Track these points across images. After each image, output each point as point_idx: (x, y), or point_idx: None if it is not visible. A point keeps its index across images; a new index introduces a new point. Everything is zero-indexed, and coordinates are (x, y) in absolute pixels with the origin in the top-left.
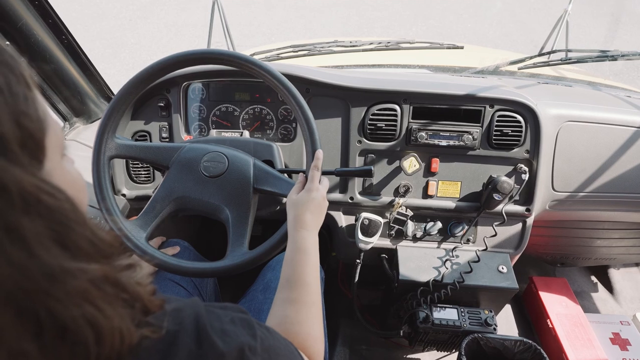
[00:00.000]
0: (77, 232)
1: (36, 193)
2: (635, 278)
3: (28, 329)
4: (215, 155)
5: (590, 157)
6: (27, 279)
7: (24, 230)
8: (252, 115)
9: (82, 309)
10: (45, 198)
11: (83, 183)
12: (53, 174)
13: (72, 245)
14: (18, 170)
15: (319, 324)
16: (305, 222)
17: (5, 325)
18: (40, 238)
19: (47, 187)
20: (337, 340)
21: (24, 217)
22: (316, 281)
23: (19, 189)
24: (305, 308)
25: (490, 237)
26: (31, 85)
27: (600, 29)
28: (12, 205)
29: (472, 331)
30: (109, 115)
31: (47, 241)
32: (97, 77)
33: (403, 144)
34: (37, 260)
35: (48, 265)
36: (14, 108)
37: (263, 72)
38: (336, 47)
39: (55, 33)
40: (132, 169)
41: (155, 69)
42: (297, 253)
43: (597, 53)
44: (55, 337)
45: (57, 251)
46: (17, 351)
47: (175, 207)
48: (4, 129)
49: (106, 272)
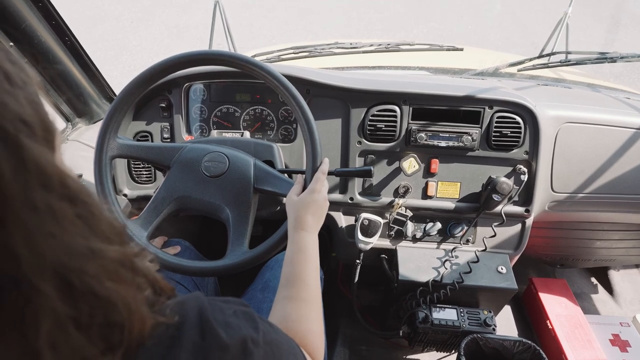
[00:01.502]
0: (98, 215)
1: (62, 175)
2: (635, 279)
3: (67, 303)
4: (216, 155)
5: (589, 159)
6: (64, 254)
7: (55, 208)
8: (253, 116)
9: (104, 286)
10: (70, 181)
11: None
12: None
13: (96, 227)
14: (47, 151)
15: (319, 321)
16: (307, 223)
17: (50, 294)
18: (69, 219)
19: (68, 171)
20: (337, 340)
21: (57, 198)
22: (316, 281)
23: (51, 169)
24: (305, 306)
25: (489, 237)
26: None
27: (600, 31)
28: (45, 186)
29: (472, 331)
30: (111, 115)
31: (76, 221)
32: (100, 78)
33: (403, 145)
34: (68, 236)
35: (77, 242)
36: (30, 98)
37: (264, 73)
38: (336, 48)
39: (58, 34)
40: (134, 169)
41: (157, 70)
42: (297, 253)
43: (597, 55)
44: (90, 314)
45: (84, 232)
46: (59, 324)
47: (176, 207)
48: (28, 115)
49: (125, 254)
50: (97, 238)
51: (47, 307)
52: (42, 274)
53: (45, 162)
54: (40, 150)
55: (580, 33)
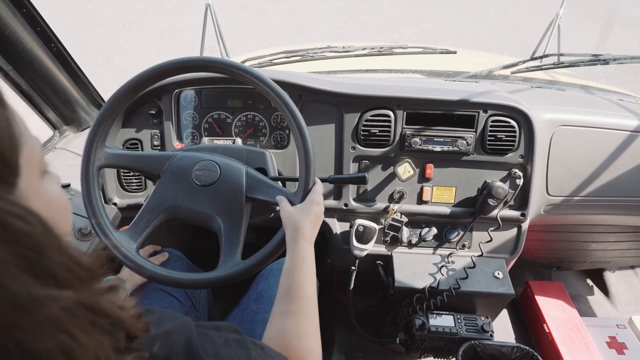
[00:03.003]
0: (50, 257)
1: (2, 217)
2: (630, 281)
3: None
4: (207, 163)
5: (584, 161)
6: None
7: None
8: (245, 122)
9: (55, 340)
10: (13, 221)
11: (64, 202)
12: (29, 194)
13: (43, 272)
14: None
15: (317, 337)
16: (306, 233)
17: None
18: (5, 265)
19: (16, 210)
20: (333, 347)
21: None
22: (314, 294)
23: None
24: (304, 321)
25: (485, 242)
26: (5, 102)
27: (592, 32)
28: None
29: (469, 338)
30: (98, 124)
31: (13, 269)
32: (88, 85)
33: (397, 150)
34: (2, 291)
35: (15, 294)
36: None
37: (254, 79)
38: (329, 52)
39: (43, 41)
40: (124, 178)
41: (146, 77)
42: (298, 265)
43: (590, 57)
44: None
45: (26, 278)
46: None
47: (167, 217)
48: None
49: (82, 298)
50: (45, 284)
51: None
52: None
53: None
54: None
55: (572, 34)
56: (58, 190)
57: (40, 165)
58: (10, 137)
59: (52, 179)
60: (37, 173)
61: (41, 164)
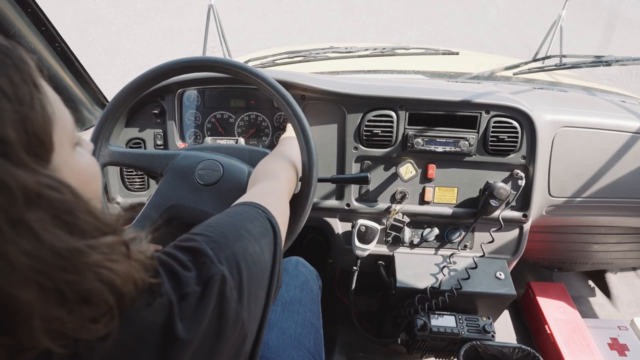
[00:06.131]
0: (80, 217)
1: (38, 189)
2: (632, 282)
3: (53, 301)
4: (210, 163)
5: (586, 163)
6: (41, 262)
7: (29, 222)
8: (248, 122)
9: (97, 276)
10: (48, 192)
11: (94, 170)
12: (62, 167)
13: (76, 229)
14: (21, 171)
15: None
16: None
17: (32, 300)
18: (45, 226)
19: (50, 182)
20: (335, 347)
21: (28, 211)
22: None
23: (20, 187)
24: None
25: (487, 243)
26: (39, 84)
27: (593, 34)
28: (15, 202)
29: (471, 338)
30: (102, 123)
31: (52, 228)
32: (91, 84)
33: (399, 151)
34: (46, 245)
35: (57, 247)
36: (18, 113)
37: (258, 80)
38: (332, 53)
39: (48, 40)
40: (127, 177)
41: (150, 77)
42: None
43: (592, 58)
44: (80, 302)
45: (64, 235)
46: (48, 317)
47: (169, 216)
48: (7, 134)
49: (113, 241)
50: (81, 237)
51: (34, 311)
52: (18, 284)
53: (12, 180)
54: (7, 169)
55: (574, 36)
56: (88, 160)
57: (71, 138)
58: (44, 118)
59: (84, 147)
60: (68, 146)
61: (72, 137)
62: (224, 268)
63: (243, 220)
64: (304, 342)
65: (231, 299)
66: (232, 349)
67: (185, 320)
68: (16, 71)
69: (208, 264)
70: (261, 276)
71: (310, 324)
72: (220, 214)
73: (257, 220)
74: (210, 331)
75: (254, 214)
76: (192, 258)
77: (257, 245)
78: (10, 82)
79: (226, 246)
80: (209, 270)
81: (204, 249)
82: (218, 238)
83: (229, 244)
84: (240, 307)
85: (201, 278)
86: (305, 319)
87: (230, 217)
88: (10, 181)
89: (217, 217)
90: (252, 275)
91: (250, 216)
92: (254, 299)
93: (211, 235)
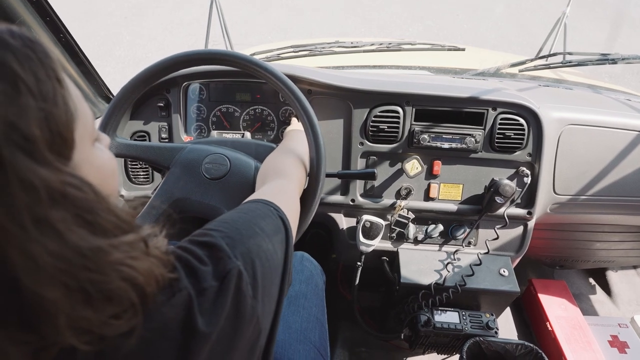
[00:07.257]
0: (101, 216)
1: (62, 188)
2: (633, 280)
3: (79, 299)
4: (217, 157)
5: (592, 161)
6: (65, 261)
7: (53, 221)
8: (253, 116)
9: (120, 274)
10: (71, 191)
11: (112, 166)
12: (82, 164)
13: (98, 227)
14: (45, 170)
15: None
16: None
17: (57, 299)
18: (68, 225)
19: (73, 181)
20: (337, 342)
21: (52, 210)
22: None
23: (45, 186)
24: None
25: (491, 240)
26: (62, 79)
27: (598, 32)
28: (40, 201)
29: (474, 335)
30: (109, 114)
31: (75, 228)
32: (96, 77)
33: (405, 146)
34: (69, 245)
35: (80, 246)
36: (42, 110)
37: (267, 73)
38: (337, 47)
39: (52, 31)
40: (131, 170)
41: (158, 69)
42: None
43: (598, 56)
44: (104, 300)
45: (86, 234)
46: (74, 316)
47: (175, 209)
48: (31, 132)
49: (133, 239)
50: (104, 236)
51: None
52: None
53: (36, 179)
54: (32, 168)
55: (577, 33)
56: (106, 156)
57: (91, 134)
58: (67, 115)
59: (102, 142)
60: (89, 142)
61: (92, 133)
62: (240, 263)
63: (256, 217)
64: (310, 337)
65: (247, 295)
66: (248, 345)
67: (204, 314)
68: (40, 66)
69: (225, 259)
70: (274, 273)
71: (316, 319)
72: (233, 210)
73: (270, 218)
74: (227, 325)
75: (267, 212)
76: (209, 253)
77: (270, 242)
78: (35, 78)
79: (241, 242)
80: (225, 265)
81: (219, 244)
82: (233, 234)
83: (243, 241)
84: (255, 303)
85: (218, 273)
86: (311, 314)
87: (244, 214)
88: (35, 180)
89: (231, 214)
90: (265, 272)
91: (263, 214)
92: (267, 295)
93: (226, 231)
